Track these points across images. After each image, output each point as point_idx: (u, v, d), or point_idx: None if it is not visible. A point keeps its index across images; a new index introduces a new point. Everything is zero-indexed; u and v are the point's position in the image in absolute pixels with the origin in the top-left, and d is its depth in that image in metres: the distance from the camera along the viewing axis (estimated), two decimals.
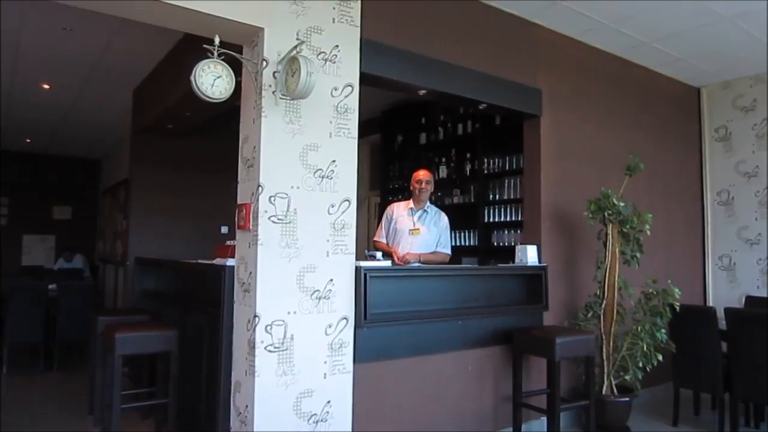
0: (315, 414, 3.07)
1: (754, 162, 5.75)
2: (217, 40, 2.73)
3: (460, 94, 3.97)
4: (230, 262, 3.18)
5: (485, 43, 4.16)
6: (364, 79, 3.38)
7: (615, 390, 4.22)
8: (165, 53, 5.20)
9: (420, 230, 4.31)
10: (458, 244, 5.66)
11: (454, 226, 5.65)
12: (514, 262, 4.25)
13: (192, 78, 2.67)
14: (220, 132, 5.26)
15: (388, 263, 3.57)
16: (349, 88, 3.25)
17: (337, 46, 3.21)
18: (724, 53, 5.17)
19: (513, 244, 4.84)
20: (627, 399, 4.19)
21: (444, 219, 4.46)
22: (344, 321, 3.20)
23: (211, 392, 3.29)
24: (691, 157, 6.07)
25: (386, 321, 3.39)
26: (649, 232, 4.24)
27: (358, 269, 3.23)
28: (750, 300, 5.30)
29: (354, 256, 3.26)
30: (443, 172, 6.04)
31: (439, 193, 6.04)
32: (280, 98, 2.94)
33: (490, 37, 4.20)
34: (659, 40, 4.86)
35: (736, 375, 4.10)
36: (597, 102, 5.00)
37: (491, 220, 5.36)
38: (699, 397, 4.82)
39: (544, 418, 3.86)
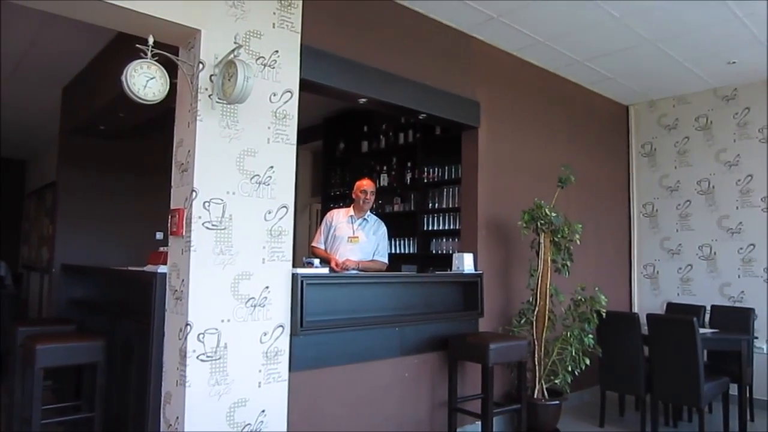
0: (249, 424, 3.02)
1: (676, 177, 6.12)
2: (150, 40, 2.66)
3: (400, 103, 4.02)
4: (162, 269, 3.08)
5: (426, 55, 4.25)
6: (304, 85, 3.38)
7: (546, 393, 4.36)
8: (97, 51, 4.99)
9: (359, 238, 4.32)
10: (398, 251, 5.72)
11: (394, 233, 5.71)
12: (451, 269, 4.34)
13: (123, 78, 2.58)
14: (156, 134, 5.10)
15: (325, 270, 3.56)
16: (289, 94, 3.24)
17: (276, 51, 3.19)
18: (650, 74, 5.49)
19: (451, 252, 4.94)
20: (557, 402, 4.34)
21: (383, 228, 4.49)
22: (280, 329, 3.16)
23: (140, 404, 3.17)
24: (619, 171, 6.39)
25: (323, 328, 3.38)
26: (578, 242, 4.43)
27: (294, 276, 3.21)
28: (670, 306, 5.62)
29: (291, 263, 3.23)
30: (384, 180, 6.10)
31: (380, 201, 6.09)
32: (217, 102, 2.89)
33: (431, 49, 4.29)
34: (591, 59, 5.10)
35: (656, 377, 4.33)
36: (533, 116, 5.19)
37: (430, 228, 5.46)
38: (624, 398, 5.06)
39: (479, 422, 3.94)
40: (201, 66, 2.88)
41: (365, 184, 4.44)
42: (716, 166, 5.82)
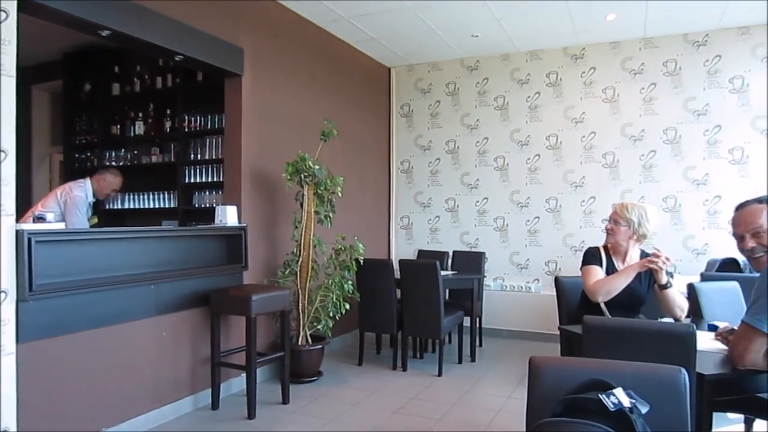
0: None
1: (429, 137, 6.76)
2: None
3: (152, 41, 3.62)
4: None
5: None
6: (25, 6, 2.82)
7: (309, 339, 4.55)
8: None
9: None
10: (157, 206, 5.30)
11: (152, 187, 5.28)
12: (214, 223, 4.17)
13: None
14: None
15: (60, 226, 3.12)
16: (3, 14, 2.67)
17: None
18: (409, 39, 5.88)
19: (215, 205, 4.74)
20: (320, 346, 4.56)
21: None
22: (3, 295, 2.69)
23: None
24: (381, 129, 6.82)
25: (60, 291, 2.98)
26: (341, 194, 4.62)
27: (19, 233, 2.74)
28: (421, 253, 6.29)
29: (14, 218, 2.74)
30: (140, 128, 5.51)
31: (136, 152, 5.53)
32: None
33: None
34: (355, 17, 5.25)
35: (406, 316, 4.83)
36: (300, 68, 5.18)
37: (192, 180, 5.13)
38: (380, 338, 5.56)
39: (245, 375, 3.94)
40: None
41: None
42: (461, 128, 6.58)
